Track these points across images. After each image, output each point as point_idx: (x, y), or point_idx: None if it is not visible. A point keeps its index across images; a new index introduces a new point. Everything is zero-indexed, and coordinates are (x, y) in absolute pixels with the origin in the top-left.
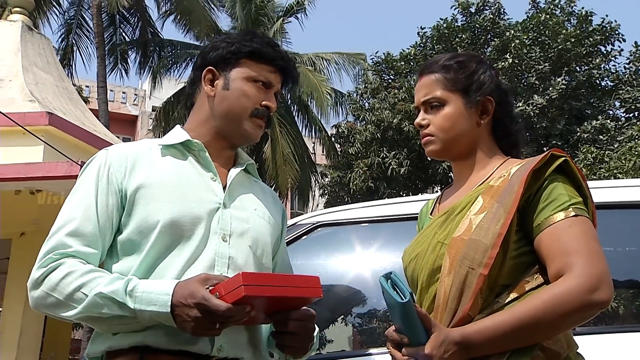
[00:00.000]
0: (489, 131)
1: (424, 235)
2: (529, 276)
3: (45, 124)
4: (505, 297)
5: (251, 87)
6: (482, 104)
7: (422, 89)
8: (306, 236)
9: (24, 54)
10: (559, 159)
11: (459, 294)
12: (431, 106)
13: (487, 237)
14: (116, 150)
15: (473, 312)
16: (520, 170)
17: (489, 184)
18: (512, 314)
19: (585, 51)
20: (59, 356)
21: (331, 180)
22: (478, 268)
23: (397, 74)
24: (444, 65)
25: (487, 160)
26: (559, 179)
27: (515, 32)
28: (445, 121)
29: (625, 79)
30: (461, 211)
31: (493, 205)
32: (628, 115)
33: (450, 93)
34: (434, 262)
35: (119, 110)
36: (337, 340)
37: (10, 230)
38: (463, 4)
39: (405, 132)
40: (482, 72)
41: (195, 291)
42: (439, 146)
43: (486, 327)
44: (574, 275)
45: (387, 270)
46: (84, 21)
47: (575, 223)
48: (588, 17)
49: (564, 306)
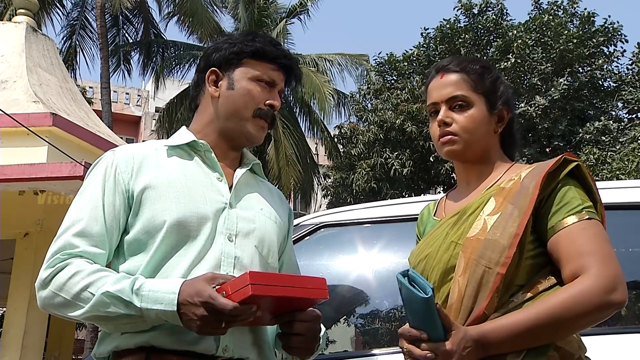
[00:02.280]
0: (499, 139)
1: (434, 236)
2: (542, 277)
3: (49, 124)
4: (520, 296)
5: (255, 87)
6: (501, 113)
7: (447, 87)
8: (309, 237)
9: (28, 55)
10: (571, 163)
11: (475, 293)
12: (456, 105)
13: (504, 237)
14: (123, 151)
15: (489, 310)
16: (533, 173)
17: (500, 186)
18: (529, 313)
19: (588, 52)
20: (62, 356)
21: (334, 181)
22: (495, 267)
23: (400, 74)
24: (470, 67)
25: (496, 165)
26: (571, 182)
27: (518, 33)
28: (470, 123)
29: (628, 80)
30: (473, 212)
31: (507, 206)
32: (631, 117)
33: (476, 95)
34: (447, 261)
35: (122, 111)
36: (340, 341)
37: (14, 231)
38: (466, 5)
39: (408, 133)
40: (501, 81)
41: (201, 290)
42: (461, 146)
43: (503, 325)
44: (590, 276)
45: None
46: (88, 22)
47: (588, 226)
48: (590, 18)
49: (581, 306)
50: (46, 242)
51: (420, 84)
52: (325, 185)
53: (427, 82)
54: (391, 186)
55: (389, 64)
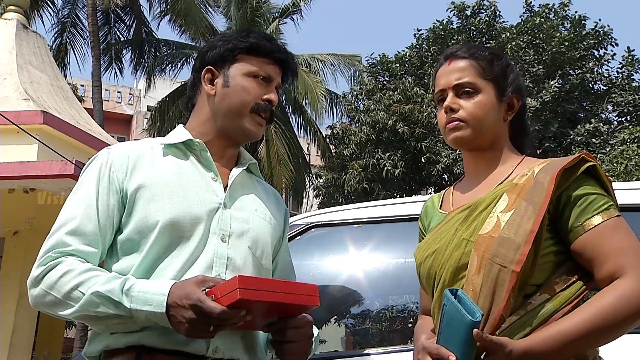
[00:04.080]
0: (508, 128)
1: (442, 231)
2: (558, 277)
3: (40, 122)
4: (537, 298)
5: (251, 82)
6: (511, 100)
7: (454, 73)
8: (300, 237)
9: (19, 52)
10: (588, 162)
11: (492, 293)
12: (464, 91)
13: (519, 235)
14: (118, 149)
15: (506, 312)
16: (547, 168)
17: (513, 181)
18: (579, 319)
19: (579, 55)
20: (51, 355)
21: (325, 182)
22: (510, 265)
23: (392, 75)
24: (478, 54)
25: (505, 156)
26: (591, 182)
27: (510, 35)
28: (478, 109)
29: (617, 83)
30: (486, 208)
31: (521, 203)
32: (620, 119)
33: (485, 82)
34: (458, 259)
35: (113, 109)
36: (331, 341)
37: (3, 229)
38: (459, 6)
39: (400, 134)
40: (512, 68)
41: (191, 292)
42: (469, 132)
43: (553, 335)
44: (636, 275)
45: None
46: (79, 20)
47: (618, 224)
48: (581, 21)
49: (632, 307)
50: (36, 240)
51: (413, 85)
52: (317, 185)
53: (435, 69)
54: (383, 187)
55: (382, 64)
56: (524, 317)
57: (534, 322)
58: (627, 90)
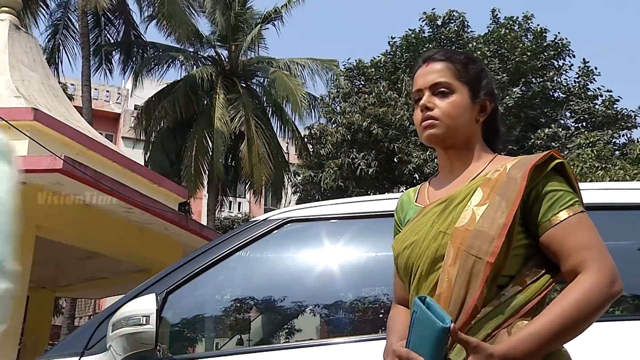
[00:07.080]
0: (481, 129)
1: (420, 224)
2: (528, 269)
3: (31, 119)
4: (510, 290)
5: None
6: (483, 103)
7: (431, 74)
8: (276, 231)
9: (11, 51)
10: (556, 159)
11: (467, 283)
12: (439, 91)
13: (493, 228)
14: None
15: (479, 301)
16: (518, 165)
17: (486, 176)
18: (551, 317)
19: (540, 64)
20: (39, 342)
21: (303, 179)
22: (485, 257)
23: (368, 80)
24: (455, 57)
25: (478, 154)
26: (558, 178)
27: (477, 45)
28: (452, 108)
29: (575, 92)
30: (461, 202)
31: (494, 197)
32: (577, 125)
33: (460, 83)
34: (435, 251)
35: (102, 108)
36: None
37: None
38: (430, 16)
39: (374, 135)
40: (485, 73)
41: None
42: (442, 131)
43: (531, 334)
44: (594, 271)
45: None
46: (70, 22)
47: (583, 219)
48: (543, 33)
49: (594, 302)
50: None
51: (387, 89)
52: (295, 182)
53: (413, 71)
54: (357, 185)
55: (358, 69)
56: (498, 308)
57: (506, 312)
58: (583, 98)
